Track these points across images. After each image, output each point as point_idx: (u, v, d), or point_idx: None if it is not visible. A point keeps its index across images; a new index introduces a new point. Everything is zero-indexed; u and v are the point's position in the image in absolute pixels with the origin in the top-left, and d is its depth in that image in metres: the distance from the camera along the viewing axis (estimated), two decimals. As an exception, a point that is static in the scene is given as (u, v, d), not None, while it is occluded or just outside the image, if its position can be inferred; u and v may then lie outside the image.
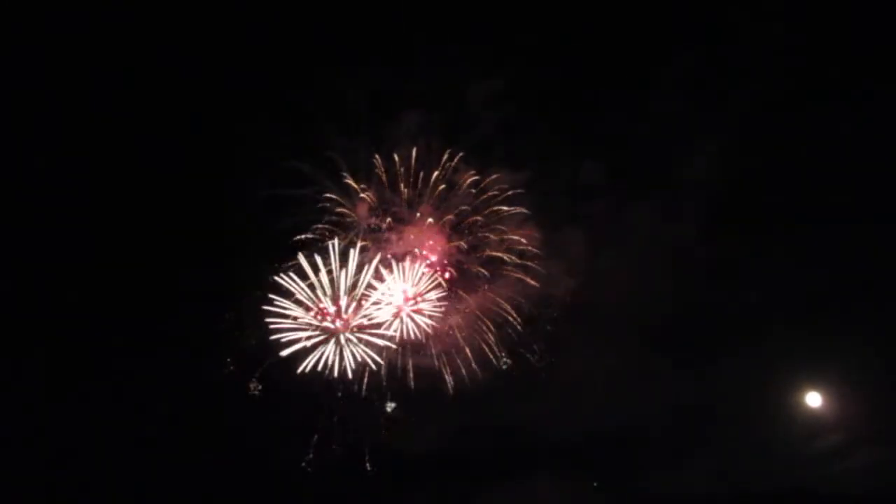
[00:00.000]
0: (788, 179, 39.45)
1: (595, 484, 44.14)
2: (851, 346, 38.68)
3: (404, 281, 37.92)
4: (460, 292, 38.92)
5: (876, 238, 38.03)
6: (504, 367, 39.25)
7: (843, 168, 38.02)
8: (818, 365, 40.15)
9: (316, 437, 39.55)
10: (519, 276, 38.50)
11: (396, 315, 38.04)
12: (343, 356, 37.42)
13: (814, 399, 40.34)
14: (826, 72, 37.09)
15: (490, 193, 37.98)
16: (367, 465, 40.03)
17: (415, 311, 38.29)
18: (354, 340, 37.67)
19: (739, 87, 37.87)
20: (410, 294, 38.14)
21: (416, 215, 38.01)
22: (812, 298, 39.95)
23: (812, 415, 40.35)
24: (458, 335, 38.77)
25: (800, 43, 36.33)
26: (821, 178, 38.40)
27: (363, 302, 37.61)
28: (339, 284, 37.32)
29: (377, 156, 37.54)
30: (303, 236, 37.92)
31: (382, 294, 37.63)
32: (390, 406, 39.86)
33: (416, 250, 38.55)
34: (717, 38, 37.71)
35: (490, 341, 38.92)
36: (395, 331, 37.82)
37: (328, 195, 38.03)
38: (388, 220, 38.22)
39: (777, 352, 40.73)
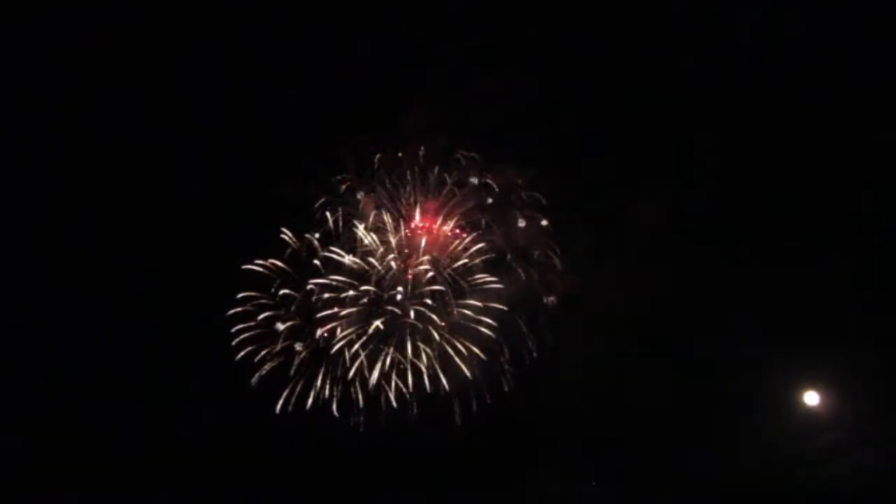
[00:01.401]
0: (792, 179, 39.70)
1: (593, 483, 44.14)
2: (851, 344, 38.77)
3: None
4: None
5: (875, 236, 38.50)
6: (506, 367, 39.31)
7: (844, 169, 38.39)
8: (816, 363, 39.99)
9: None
10: (523, 274, 38.66)
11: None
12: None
13: (811, 398, 40.31)
14: (826, 72, 37.34)
15: (497, 191, 38.25)
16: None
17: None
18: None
19: (746, 87, 38.16)
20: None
21: (422, 213, 38.05)
22: (812, 296, 39.98)
23: (810, 413, 40.31)
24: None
25: (802, 43, 36.59)
26: (823, 179, 38.82)
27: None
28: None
29: (381, 154, 37.65)
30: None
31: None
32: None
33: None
34: (721, 36, 37.90)
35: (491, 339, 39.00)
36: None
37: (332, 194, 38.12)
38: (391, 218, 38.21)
39: (775, 350, 40.55)
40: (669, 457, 42.62)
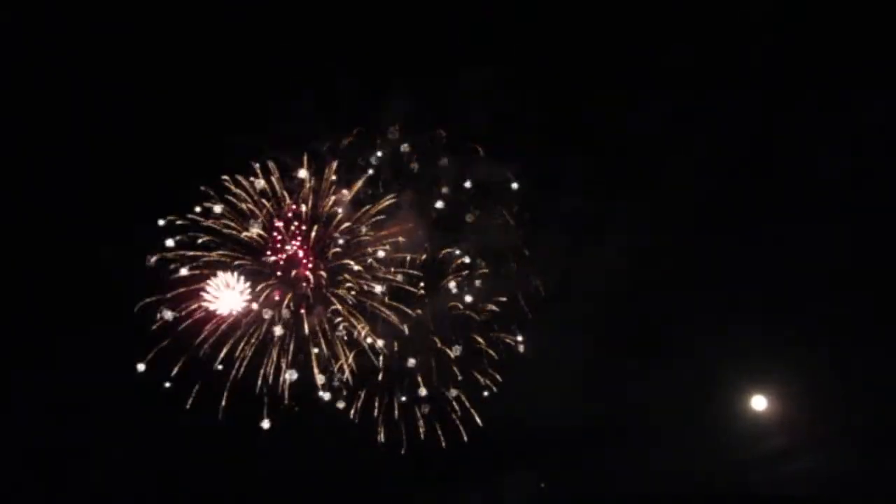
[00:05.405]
0: (760, 180, 40.89)
1: (542, 485, 44.39)
2: (798, 350, 39.84)
3: None
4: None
5: (830, 242, 39.20)
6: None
7: (804, 173, 39.70)
8: (764, 368, 41.19)
9: None
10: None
11: None
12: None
13: (759, 402, 41.39)
14: (818, 74, 38.24)
15: (475, 187, 38.33)
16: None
17: None
18: None
19: (730, 88, 38.90)
20: None
21: (397, 209, 37.85)
22: (763, 301, 41.30)
23: (757, 418, 41.40)
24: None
25: (792, 45, 37.61)
26: (781, 183, 40.29)
27: None
28: None
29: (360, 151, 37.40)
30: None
31: None
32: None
33: None
34: (711, 37, 38.33)
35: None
36: None
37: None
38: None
39: (724, 354, 41.38)
40: (617, 459, 43.20)
